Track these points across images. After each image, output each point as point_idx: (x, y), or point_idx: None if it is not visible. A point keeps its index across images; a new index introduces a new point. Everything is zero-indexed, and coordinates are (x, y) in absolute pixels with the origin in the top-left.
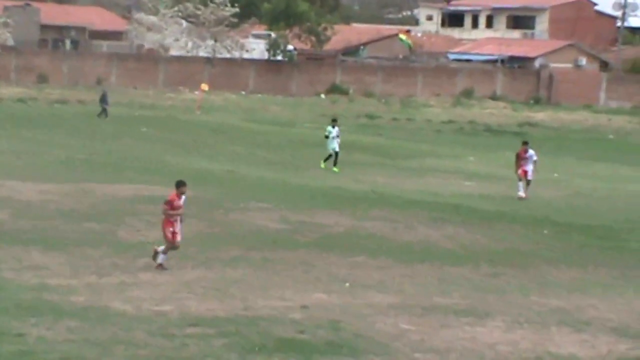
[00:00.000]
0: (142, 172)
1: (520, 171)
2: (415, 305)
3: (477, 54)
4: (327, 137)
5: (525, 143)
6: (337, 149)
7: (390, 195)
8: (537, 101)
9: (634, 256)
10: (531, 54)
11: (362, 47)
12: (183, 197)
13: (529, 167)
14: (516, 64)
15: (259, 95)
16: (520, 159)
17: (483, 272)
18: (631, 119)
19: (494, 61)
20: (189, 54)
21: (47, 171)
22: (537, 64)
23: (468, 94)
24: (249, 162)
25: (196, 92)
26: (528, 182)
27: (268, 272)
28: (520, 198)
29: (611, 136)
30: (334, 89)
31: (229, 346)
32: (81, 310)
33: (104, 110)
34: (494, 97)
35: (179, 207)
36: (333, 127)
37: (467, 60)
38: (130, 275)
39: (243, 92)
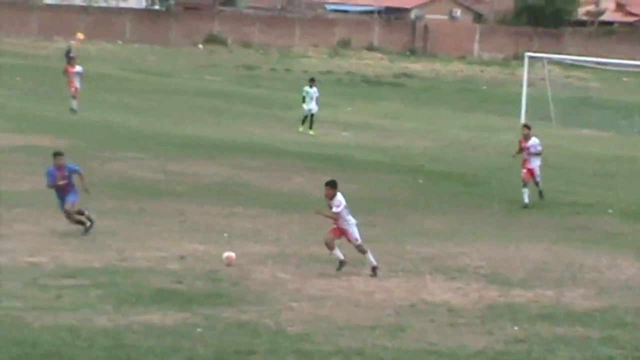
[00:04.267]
0: (15, 122)
1: (524, 172)
2: (292, 254)
3: (354, 4)
4: (304, 98)
5: (525, 127)
6: (313, 111)
7: (268, 146)
8: (413, 52)
9: (502, 203)
10: (407, 5)
11: None
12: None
13: (535, 164)
14: (392, 15)
15: (136, 45)
16: (523, 150)
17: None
18: (502, 70)
19: (371, 12)
20: (64, 2)
21: None
22: (412, 15)
23: (345, 44)
24: (124, 111)
25: (71, 42)
26: (537, 183)
27: (144, 222)
28: (526, 206)
29: (484, 87)
30: (211, 39)
31: (104, 297)
32: None
33: None
34: (370, 48)
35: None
36: (311, 87)
37: (344, 11)
38: (3, 226)
39: (120, 42)
